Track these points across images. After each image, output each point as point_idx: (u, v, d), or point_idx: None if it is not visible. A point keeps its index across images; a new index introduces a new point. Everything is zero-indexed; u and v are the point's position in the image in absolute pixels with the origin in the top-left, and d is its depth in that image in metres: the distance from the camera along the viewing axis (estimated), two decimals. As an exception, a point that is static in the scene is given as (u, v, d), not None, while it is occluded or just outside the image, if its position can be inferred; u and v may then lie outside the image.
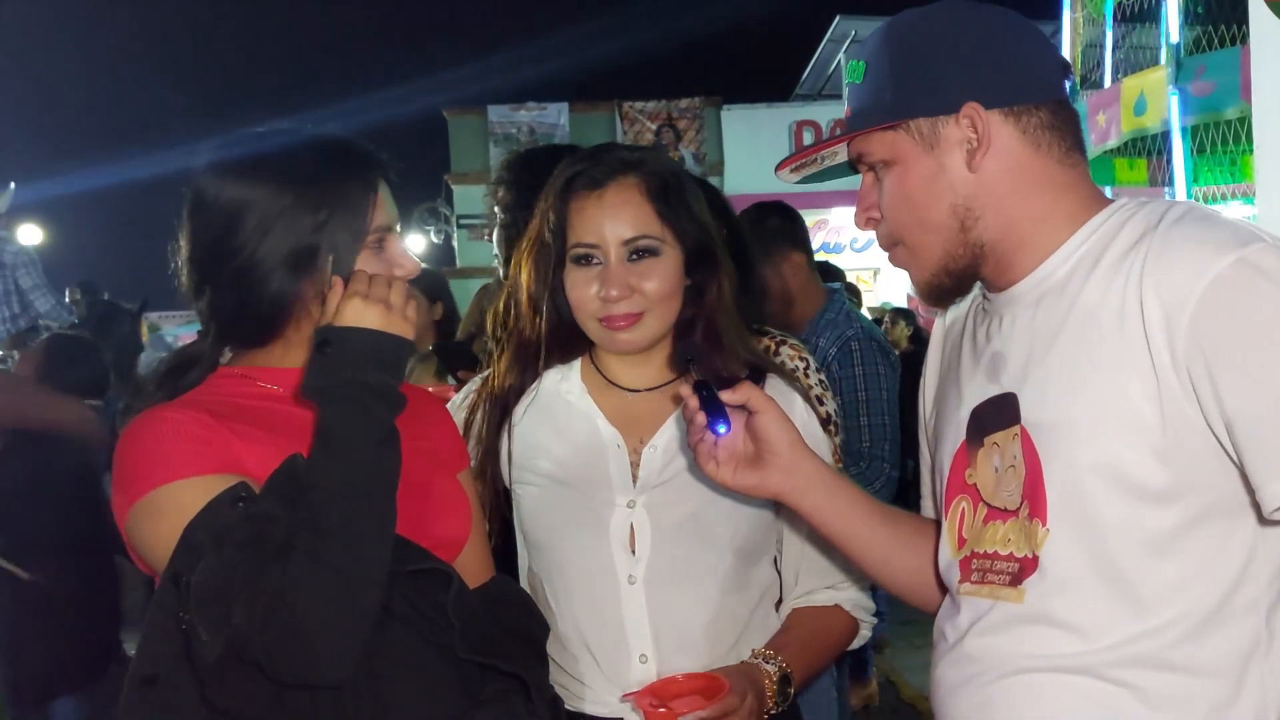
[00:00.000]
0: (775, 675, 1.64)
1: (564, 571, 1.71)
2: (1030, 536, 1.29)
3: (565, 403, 1.76)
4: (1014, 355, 1.35)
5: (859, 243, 14.37)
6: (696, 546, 1.68)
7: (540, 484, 1.74)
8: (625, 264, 1.68)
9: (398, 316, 1.39)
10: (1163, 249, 1.23)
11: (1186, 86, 5.98)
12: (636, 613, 1.66)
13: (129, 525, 1.38)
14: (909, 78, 1.35)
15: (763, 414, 1.49)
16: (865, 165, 1.42)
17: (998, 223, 1.35)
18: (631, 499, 1.68)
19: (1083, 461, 1.26)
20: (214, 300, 1.47)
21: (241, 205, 1.43)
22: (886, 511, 1.57)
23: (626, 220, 1.68)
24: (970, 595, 1.37)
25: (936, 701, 1.41)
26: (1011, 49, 1.36)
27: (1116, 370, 1.24)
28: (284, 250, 1.42)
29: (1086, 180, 1.38)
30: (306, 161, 1.46)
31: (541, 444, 1.75)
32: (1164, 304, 1.21)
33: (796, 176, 1.53)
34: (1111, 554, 1.25)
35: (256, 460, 1.39)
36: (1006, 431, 1.33)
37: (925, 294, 1.42)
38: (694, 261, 1.72)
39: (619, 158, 1.73)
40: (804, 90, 16.89)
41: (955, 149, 1.34)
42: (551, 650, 1.68)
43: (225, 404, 1.45)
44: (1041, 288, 1.34)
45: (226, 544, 1.28)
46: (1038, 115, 1.34)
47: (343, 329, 1.36)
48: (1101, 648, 1.25)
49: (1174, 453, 1.22)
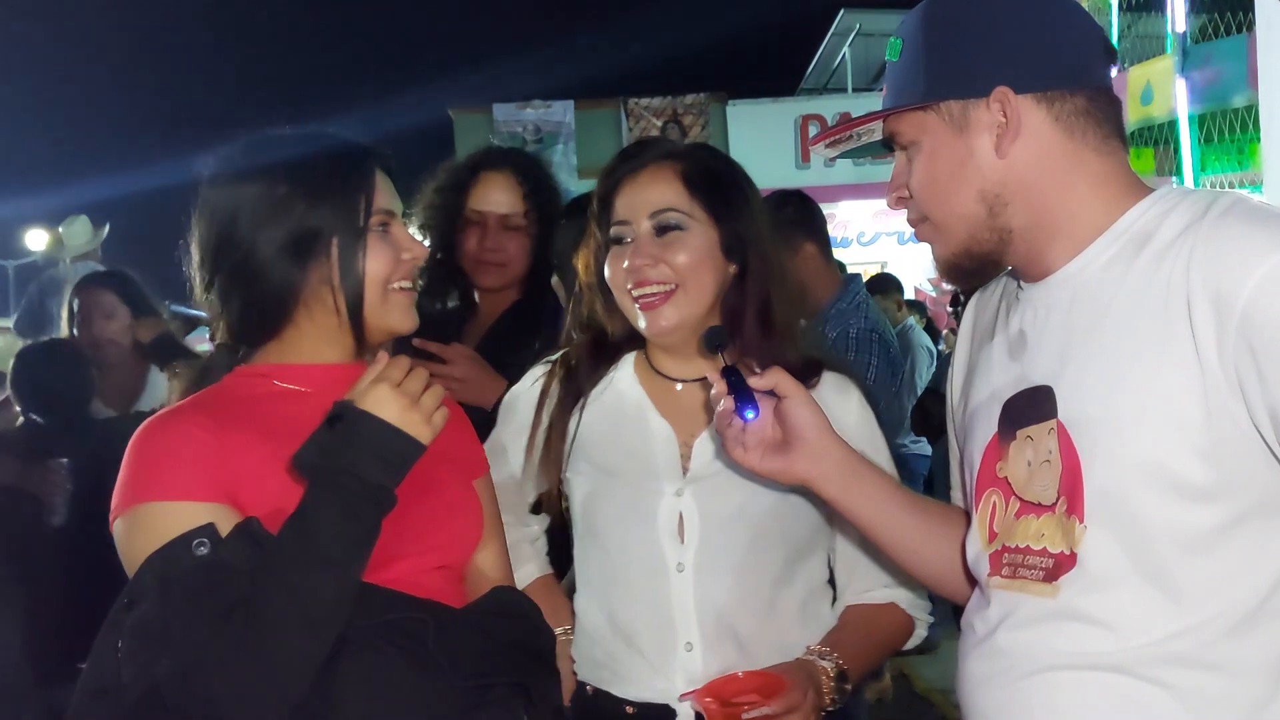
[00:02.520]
0: (833, 672, 1.64)
1: (613, 559, 1.73)
2: (1068, 533, 1.27)
3: (617, 392, 1.78)
4: (1050, 348, 1.32)
5: (865, 237, 14.33)
6: (744, 537, 1.69)
7: (592, 472, 1.76)
8: (653, 239, 1.69)
9: (420, 417, 1.38)
10: (1210, 241, 1.20)
11: (1193, 75, 5.96)
12: (684, 601, 1.67)
13: (115, 532, 1.39)
14: (941, 59, 1.33)
15: (790, 399, 1.48)
16: (898, 145, 1.40)
17: (1028, 210, 1.32)
18: (680, 488, 1.69)
19: (1124, 459, 1.23)
20: (223, 298, 1.48)
21: (239, 201, 1.45)
22: (916, 500, 1.56)
23: (655, 195, 1.70)
24: (1001, 589, 1.35)
25: (964, 695, 1.39)
26: (1047, 32, 1.33)
27: (1159, 365, 1.21)
28: (283, 238, 1.44)
29: (1126, 169, 1.35)
30: (299, 154, 1.48)
31: (596, 432, 1.77)
32: (1212, 299, 1.18)
33: (834, 152, 1.52)
34: (1151, 552, 1.23)
35: (255, 474, 1.39)
36: (1041, 426, 1.31)
37: (945, 271, 1.40)
38: (732, 245, 1.71)
39: (663, 148, 1.77)
40: (809, 84, 16.85)
41: (985, 133, 1.32)
42: (597, 637, 1.71)
43: (236, 408, 1.45)
44: (1079, 278, 1.31)
45: (173, 590, 1.27)
46: (1072, 101, 1.31)
47: (359, 411, 1.35)
48: (1136, 645, 1.23)
49: (1217, 451, 1.19)
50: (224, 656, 1.25)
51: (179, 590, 1.27)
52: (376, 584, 1.37)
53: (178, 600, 1.26)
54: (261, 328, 1.49)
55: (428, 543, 1.46)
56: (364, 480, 1.32)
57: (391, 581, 1.39)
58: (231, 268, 1.46)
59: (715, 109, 15.74)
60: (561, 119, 16.06)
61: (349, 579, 1.32)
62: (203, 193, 1.50)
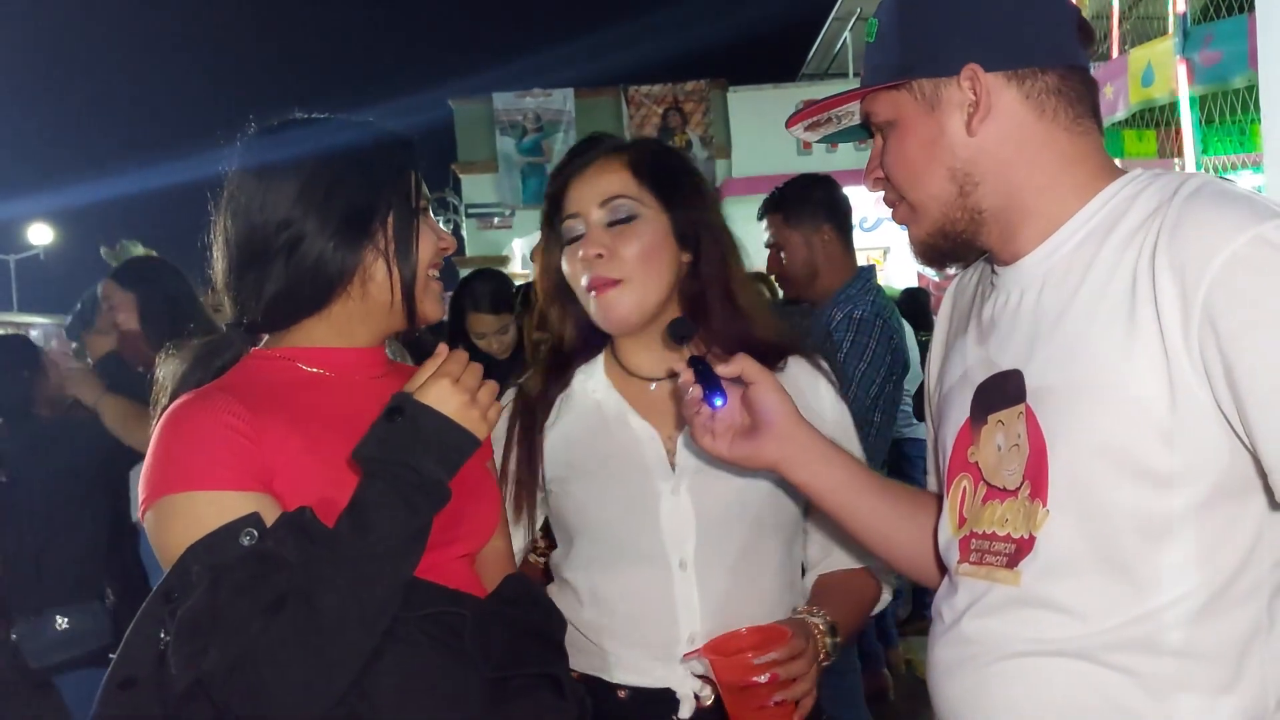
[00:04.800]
0: (824, 625, 1.66)
1: (611, 560, 1.72)
2: (1029, 517, 1.27)
3: (594, 401, 1.77)
4: (1021, 332, 1.32)
5: (868, 222, 14.30)
6: (741, 527, 1.70)
7: (585, 479, 1.75)
8: (605, 229, 1.69)
9: (477, 413, 1.37)
10: (1177, 224, 1.19)
11: (1194, 56, 5.95)
12: (687, 596, 1.68)
13: (147, 520, 1.37)
14: (913, 37, 1.33)
15: (757, 384, 1.49)
16: (875, 126, 1.40)
17: (999, 190, 1.32)
18: (674, 485, 1.70)
19: (1088, 443, 1.22)
20: (256, 281, 1.44)
21: (288, 180, 1.43)
22: (886, 484, 1.56)
23: (604, 184, 1.71)
24: (968, 576, 1.35)
25: (932, 682, 1.39)
26: (1018, 10, 1.32)
27: (1125, 348, 1.20)
28: (340, 214, 1.42)
29: (1099, 150, 1.34)
30: (348, 137, 1.48)
31: (580, 442, 1.77)
32: (1177, 281, 1.17)
33: (814, 135, 1.52)
34: (1113, 537, 1.22)
35: (289, 461, 1.38)
36: (1012, 410, 1.30)
37: (920, 252, 1.40)
38: (685, 232, 1.72)
39: (611, 143, 1.78)
40: (810, 70, 16.84)
41: (955, 111, 1.31)
42: (600, 634, 1.71)
43: (264, 394, 1.43)
44: (1049, 261, 1.31)
45: (222, 582, 1.26)
46: (1044, 79, 1.31)
47: (420, 405, 1.34)
48: (1098, 631, 1.22)
49: (1181, 435, 1.19)
50: (275, 648, 1.24)
51: (228, 581, 1.26)
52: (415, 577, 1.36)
53: (227, 591, 1.25)
54: (299, 310, 1.46)
55: (453, 533, 1.46)
56: (422, 474, 1.32)
57: (420, 573, 1.37)
58: (278, 248, 1.43)
59: (716, 96, 15.72)
60: (562, 108, 16.05)
61: (403, 572, 1.32)
62: (235, 178, 1.47)
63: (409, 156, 1.50)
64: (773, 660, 1.53)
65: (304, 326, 1.48)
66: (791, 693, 1.55)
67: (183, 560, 1.30)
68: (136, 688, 1.29)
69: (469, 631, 1.36)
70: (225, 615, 1.24)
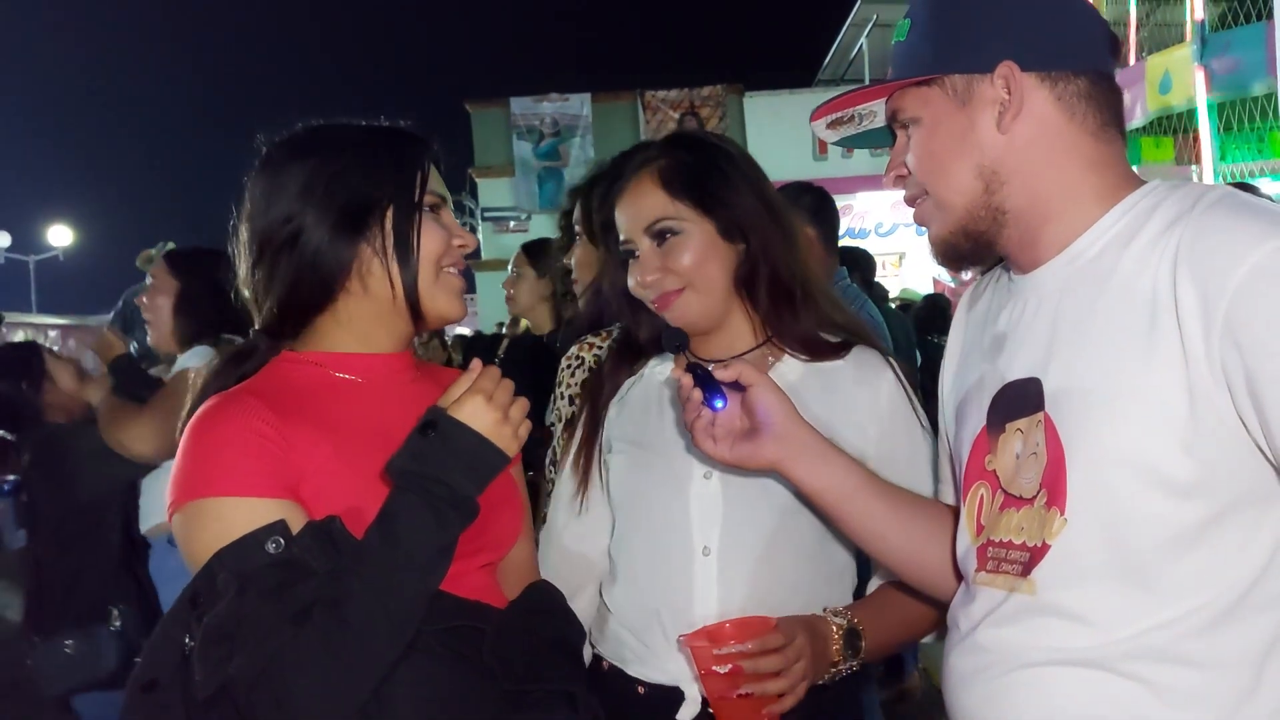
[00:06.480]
0: (842, 627, 1.65)
1: (642, 538, 1.77)
2: (1044, 525, 1.27)
3: (659, 382, 1.83)
4: (1038, 340, 1.32)
5: (884, 228, 14.29)
6: (770, 519, 1.71)
7: (630, 451, 1.81)
8: (655, 250, 1.76)
9: (509, 430, 1.38)
10: (1199, 234, 1.19)
11: (1211, 63, 5.95)
12: (706, 583, 1.70)
13: (174, 523, 1.38)
14: (948, 33, 1.34)
15: (755, 387, 1.51)
16: (899, 124, 1.41)
17: (1024, 191, 1.33)
18: (708, 470, 1.72)
19: (1107, 452, 1.22)
20: (269, 277, 1.46)
21: (294, 176, 1.45)
22: (888, 488, 1.56)
23: (643, 210, 1.77)
24: (985, 585, 1.34)
25: (947, 691, 1.39)
26: (1054, 12, 1.33)
27: (1146, 358, 1.20)
28: (337, 208, 1.43)
29: (1122, 159, 1.34)
30: (355, 135, 1.50)
31: (637, 415, 1.83)
32: (1199, 292, 1.17)
33: (835, 135, 1.53)
34: (1131, 547, 1.21)
35: (317, 469, 1.38)
36: (1030, 418, 1.30)
37: (940, 251, 1.40)
38: (730, 229, 1.76)
39: (640, 156, 1.82)
40: (826, 76, 16.84)
41: (987, 108, 1.31)
42: (621, 616, 1.74)
43: (293, 399, 1.43)
44: (1069, 269, 1.31)
45: (249, 589, 1.27)
46: (1075, 83, 1.31)
47: (454, 421, 1.35)
48: (1114, 640, 1.22)
49: (1201, 445, 1.18)
50: (302, 657, 1.25)
51: (254, 588, 1.27)
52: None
53: (253, 598, 1.26)
54: (306, 307, 1.47)
55: (476, 543, 1.46)
56: (453, 489, 1.33)
57: (443, 583, 1.38)
58: (281, 242, 1.44)
59: (732, 101, 15.73)
60: (579, 112, 16.09)
61: (430, 585, 1.33)
62: (250, 182, 1.49)
63: (418, 152, 1.50)
64: (736, 653, 1.53)
65: (320, 329, 1.48)
66: (762, 688, 1.54)
67: (209, 566, 1.30)
68: (159, 691, 1.30)
69: (488, 644, 1.37)
70: (251, 622, 1.25)
